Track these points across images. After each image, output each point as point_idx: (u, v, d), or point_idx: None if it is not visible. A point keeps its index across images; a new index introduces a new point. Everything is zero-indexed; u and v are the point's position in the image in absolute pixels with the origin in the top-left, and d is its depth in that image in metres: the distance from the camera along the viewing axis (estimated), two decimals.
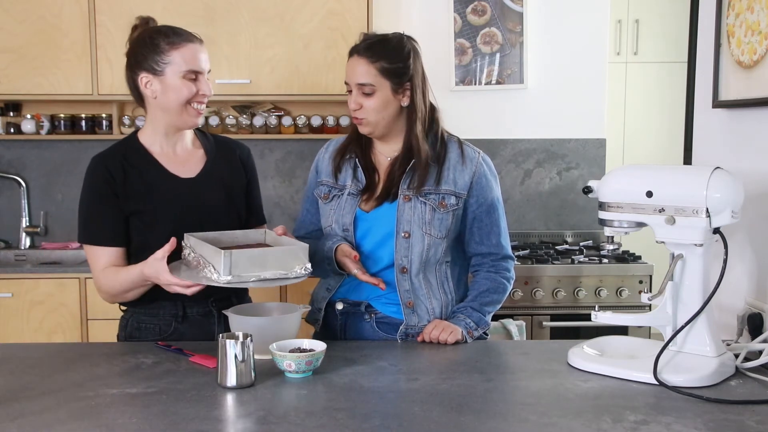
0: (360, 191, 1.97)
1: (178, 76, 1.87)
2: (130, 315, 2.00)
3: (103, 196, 1.90)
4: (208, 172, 2.00)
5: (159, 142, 1.96)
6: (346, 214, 1.96)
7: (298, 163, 3.71)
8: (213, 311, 1.96)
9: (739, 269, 1.87)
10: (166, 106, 1.90)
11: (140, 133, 1.99)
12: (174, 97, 1.88)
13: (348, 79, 1.93)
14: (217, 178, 2.00)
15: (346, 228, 1.95)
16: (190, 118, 1.91)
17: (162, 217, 1.91)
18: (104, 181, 1.90)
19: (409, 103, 1.93)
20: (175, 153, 1.98)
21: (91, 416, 1.39)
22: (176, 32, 1.91)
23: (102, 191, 1.90)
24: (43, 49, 3.31)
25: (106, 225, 1.90)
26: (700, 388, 1.52)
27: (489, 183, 1.98)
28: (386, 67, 1.89)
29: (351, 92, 1.93)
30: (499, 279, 1.99)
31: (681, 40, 4.49)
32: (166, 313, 1.96)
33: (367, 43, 1.92)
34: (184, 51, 1.88)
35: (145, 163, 1.94)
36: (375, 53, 1.89)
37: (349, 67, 1.93)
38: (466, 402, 1.46)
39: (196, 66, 1.89)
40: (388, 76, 1.89)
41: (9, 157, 3.68)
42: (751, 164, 1.85)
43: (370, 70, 1.89)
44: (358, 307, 1.98)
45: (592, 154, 3.76)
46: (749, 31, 1.83)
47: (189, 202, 1.95)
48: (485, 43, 3.65)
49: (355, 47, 1.94)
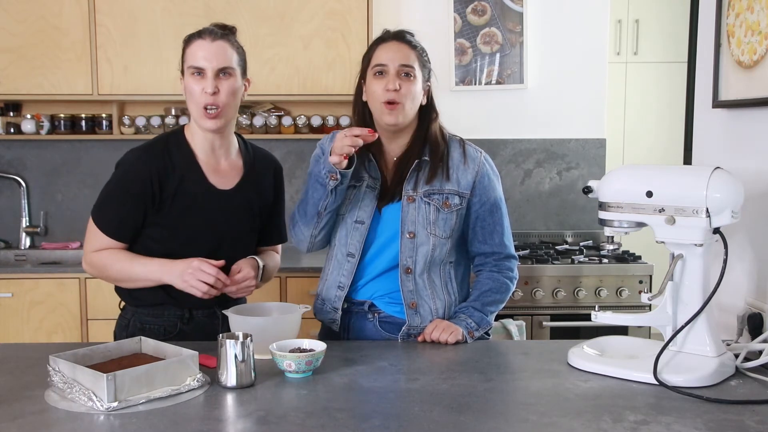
0: (379, 187, 1.95)
1: (188, 74, 1.88)
2: (131, 315, 1.98)
3: (131, 195, 1.89)
4: (243, 187, 1.99)
5: (203, 143, 1.93)
6: (365, 207, 1.94)
7: (298, 163, 3.71)
8: (218, 313, 1.95)
9: (739, 269, 1.87)
10: (189, 106, 1.90)
11: (186, 128, 1.97)
12: (189, 98, 1.88)
13: (385, 60, 1.89)
14: (248, 194, 2.00)
15: (362, 220, 1.94)
16: (203, 121, 1.87)
17: (188, 222, 1.92)
18: (140, 181, 1.88)
19: (427, 102, 1.96)
20: (216, 161, 1.96)
21: (91, 416, 1.39)
22: (200, 31, 1.90)
23: (133, 190, 1.88)
24: (43, 49, 3.31)
25: (119, 219, 1.90)
26: (700, 388, 1.52)
27: (492, 182, 1.98)
28: (421, 58, 1.93)
29: (382, 76, 1.88)
30: (502, 279, 1.99)
31: (681, 40, 4.49)
32: (171, 314, 1.96)
33: (402, 32, 1.94)
34: (193, 47, 1.87)
35: (187, 165, 1.92)
36: (412, 43, 1.93)
37: (385, 50, 1.91)
38: (466, 402, 1.46)
39: (196, 62, 1.85)
40: (422, 67, 1.93)
41: (9, 157, 3.68)
42: (751, 164, 1.85)
43: (411, 54, 1.91)
44: (362, 307, 1.98)
45: (592, 154, 3.76)
46: (749, 31, 1.83)
47: (217, 214, 1.94)
48: (485, 43, 3.65)
49: (388, 34, 1.94)
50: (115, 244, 1.91)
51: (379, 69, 1.89)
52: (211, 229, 1.94)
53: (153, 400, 1.45)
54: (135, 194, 1.88)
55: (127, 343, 1.68)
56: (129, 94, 3.37)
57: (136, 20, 3.32)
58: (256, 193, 2.02)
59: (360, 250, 1.94)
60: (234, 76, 1.89)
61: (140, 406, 1.42)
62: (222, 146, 1.96)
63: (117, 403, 1.41)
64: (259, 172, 2.04)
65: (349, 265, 1.96)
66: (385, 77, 1.88)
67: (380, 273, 1.95)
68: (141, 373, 1.47)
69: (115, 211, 1.91)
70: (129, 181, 1.90)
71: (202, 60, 1.85)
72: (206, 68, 1.85)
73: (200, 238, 1.92)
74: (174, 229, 1.91)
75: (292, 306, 1.87)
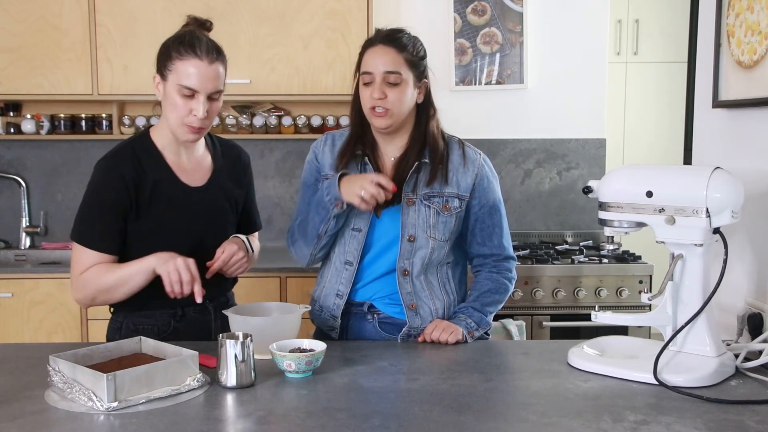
0: None
1: (174, 89, 1.81)
2: (123, 318, 1.97)
3: (109, 203, 1.85)
4: (215, 181, 1.99)
5: (171, 145, 1.92)
6: (362, 214, 1.91)
7: (298, 163, 3.71)
8: (209, 308, 1.96)
9: (739, 269, 1.87)
10: (166, 114, 1.86)
11: (153, 131, 1.95)
12: (170, 108, 1.84)
13: (371, 68, 1.87)
14: (222, 187, 2.00)
15: (358, 228, 1.93)
16: (183, 133, 1.85)
17: (168, 225, 1.91)
18: (114, 188, 1.85)
19: (423, 100, 1.93)
20: (186, 159, 1.95)
21: (91, 416, 1.39)
22: (192, 44, 1.81)
23: (109, 197, 1.85)
24: (43, 49, 3.31)
25: (103, 230, 1.86)
26: (700, 388, 1.52)
27: (491, 184, 1.98)
28: (411, 59, 1.87)
29: (370, 84, 1.87)
30: (501, 279, 1.99)
31: (681, 40, 4.49)
32: (164, 313, 1.95)
33: (390, 33, 1.89)
34: (186, 65, 1.79)
35: (157, 170, 1.90)
36: (400, 44, 1.87)
37: (371, 57, 1.87)
38: (466, 402, 1.46)
39: (190, 83, 1.79)
40: (412, 67, 1.88)
41: (9, 157, 3.68)
42: (751, 164, 1.85)
43: (398, 58, 1.86)
44: (361, 308, 1.98)
45: (592, 154, 3.76)
46: (749, 31, 1.83)
47: (195, 212, 1.94)
48: (485, 43, 3.65)
49: (376, 38, 1.89)
50: (104, 257, 1.85)
51: (366, 78, 1.88)
52: (191, 227, 1.93)
53: (153, 400, 1.44)
54: (111, 203, 1.85)
55: (127, 343, 1.67)
56: (129, 94, 3.37)
57: (136, 20, 3.32)
58: (229, 185, 2.02)
59: (358, 258, 1.93)
60: (221, 94, 1.87)
61: (140, 406, 1.42)
62: (190, 147, 1.95)
63: (117, 403, 1.41)
64: (229, 163, 2.04)
65: (347, 273, 1.95)
66: (372, 85, 1.86)
67: (379, 276, 1.95)
68: (141, 373, 1.46)
69: (96, 225, 1.86)
70: (102, 192, 1.86)
71: (197, 83, 1.80)
72: (200, 92, 1.81)
73: (182, 238, 1.90)
74: (155, 234, 1.89)
75: (292, 306, 1.87)
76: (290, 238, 2.02)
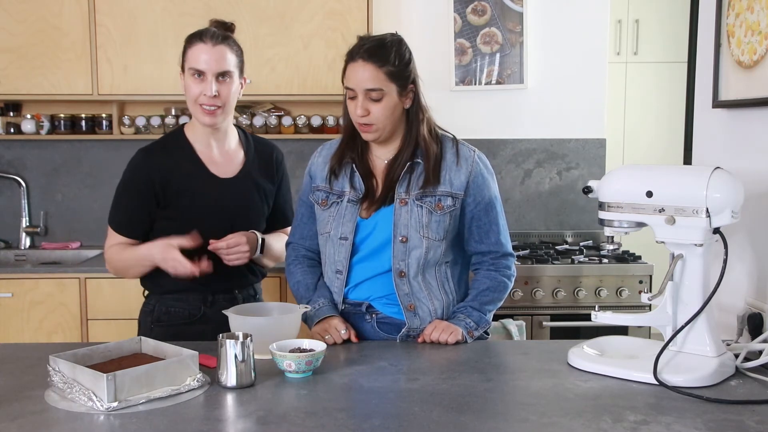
0: (360, 199, 1.94)
1: (189, 74, 1.99)
2: (156, 301, 2.11)
3: (137, 193, 2.04)
4: (245, 174, 2.11)
5: (202, 138, 2.07)
6: (347, 222, 1.93)
7: (298, 163, 3.70)
8: (238, 297, 2.13)
9: (739, 269, 1.87)
10: (188, 103, 2.02)
11: (187, 126, 2.11)
12: (186, 93, 2.01)
13: (353, 85, 1.86)
14: (252, 180, 2.12)
15: (345, 236, 1.93)
16: (200, 115, 2.01)
17: (196, 214, 2.03)
18: (143, 181, 2.03)
19: (411, 104, 1.92)
20: (218, 152, 2.09)
21: (91, 416, 1.39)
22: (201, 33, 2.00)
23: (137, 188, 2.04)
24: (43, 49, 3.31)
25: (129, 218, 2.07)
26: (700, 388, 1.52)
27: (486, 181, 1.97)
28: (393, 71, 1.85)
29: (354, 98, 1.87)
30: (500, 277, 1.99)
31: (681, 40, 4.49)
32: (196, 298, 2.08)
33: (371, 46, 1.85)
34: (195, 49, 1.98)
35: (188, 161, 2.06)
36: (381, 57, 1.84)
37: (353, 72, 1.86)
38: (466, 402, 1.46)
39: (196, 64, 1.97)
40: (394, 79, 1.85)
41: (9, 157, 3.68)
42: (751, 164, 1.85)
43: (378, 74, 1.83)
44: (359, 308, 1.98)
45: (592, 154, 3.76)
46: (749, 31, 1.83)
47: (224, 202, 2.07)
48: (485, 43, 3.65)
49: (357, 52, 1.86)
50: (126, 240, 2.06)
51: (350, 93, 1.88)
52: (221, 215, 2.06)
53: (153, 400, 1.45)
54: (138, 193, 2.04)
55: (127, 343, 1.68)
56: (129, 94, 3.37)
57: (136, 20, 3.32)
58: (260, 179, 2.14)
59: (347, 266, 1.94)
60: (232, 78, 2.01)
61: (140, 406, 1.42)
62: (221, 138, 2.09)
63: (117, 403, 1.41)
64: (261, 158, 2.16)
65: (338, 282, 1.96)
66: (355, 100, 1.86)
67: (372, 276, 1.94)
68: (141, 373, 1.46)
69: (122, 210, 2.08)
70: (131, 182, 2.06)
71: (203, 63, 1.97)
72: (207, 72, 1.97)
73: (209, 228, 2.01)
74: (183, 221, 2.02)
75: (292, 306, 1.87)
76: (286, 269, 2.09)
